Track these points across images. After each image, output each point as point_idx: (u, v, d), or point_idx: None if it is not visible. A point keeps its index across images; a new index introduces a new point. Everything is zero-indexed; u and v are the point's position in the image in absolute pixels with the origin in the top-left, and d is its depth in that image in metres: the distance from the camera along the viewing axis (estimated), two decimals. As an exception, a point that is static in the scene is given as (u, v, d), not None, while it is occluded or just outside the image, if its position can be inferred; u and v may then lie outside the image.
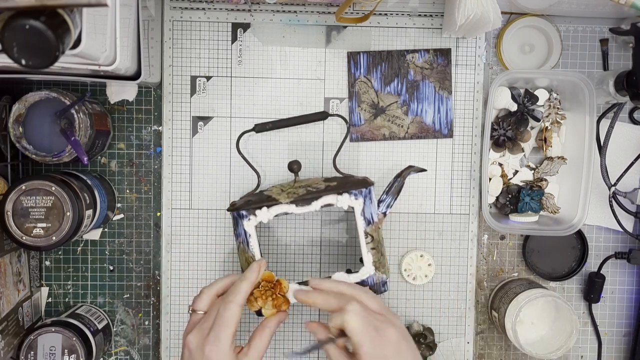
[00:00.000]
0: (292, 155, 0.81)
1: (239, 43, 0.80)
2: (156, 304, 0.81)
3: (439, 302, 0.82)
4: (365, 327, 0.59)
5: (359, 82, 0.80)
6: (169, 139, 0.80)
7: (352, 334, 0.60)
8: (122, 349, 0.82)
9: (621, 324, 0.84)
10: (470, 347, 0.83)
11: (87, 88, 0.80)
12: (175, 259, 0.80)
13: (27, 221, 0.67)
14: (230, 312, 0.61)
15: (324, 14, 0.80)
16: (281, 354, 0.82)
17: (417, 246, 0.82)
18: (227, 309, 0.62)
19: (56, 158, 0.70)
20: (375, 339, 0.59)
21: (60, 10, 0.48)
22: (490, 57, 0.82)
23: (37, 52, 0.47)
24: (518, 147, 0.81)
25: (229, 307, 0.62)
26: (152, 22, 0.77)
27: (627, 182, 0.81)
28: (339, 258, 0.81)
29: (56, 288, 0.81)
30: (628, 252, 0.82)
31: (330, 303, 0.63)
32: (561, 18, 0.81)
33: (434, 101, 0.81)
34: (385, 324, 0.61)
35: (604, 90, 0.77)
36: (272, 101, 0.80)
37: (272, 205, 0.69)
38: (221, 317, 0.61)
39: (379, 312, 0.63)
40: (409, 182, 0.81)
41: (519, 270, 0.84)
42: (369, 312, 0.62)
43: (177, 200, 0.80)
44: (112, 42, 0.61)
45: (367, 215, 0.70)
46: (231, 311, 0.62)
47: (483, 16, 0.69)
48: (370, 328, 0.60)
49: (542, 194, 0.81)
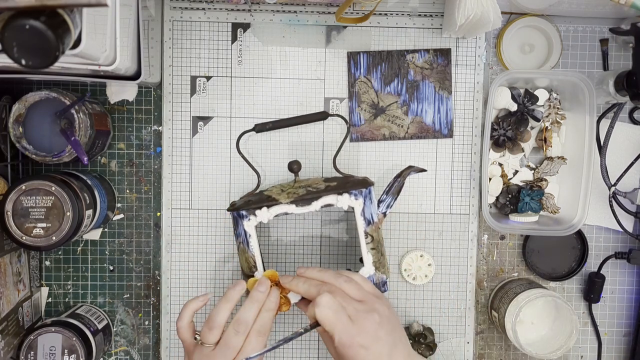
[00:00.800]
0: (292, 155, 0.81)
1: (239, 43, 0.80)
2: (156, 304, 0.81)
3: (439, 302, 0.82)
4: (336, 318, 0.60)
5: (359, 82, 0.80)
6: (169, 139, 0.80)
7: (324, 325, 0.61)
8: (122, 349, 0.82)
9: (621, 324, 0.84)
10: (470, 347, 0.83)
11: (87, 88, 0.80)
12: (175, 259, 0.80)
13: (27, 221, 0.67)
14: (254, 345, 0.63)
15: (324, 14, 0.80)
16: (281, 355, 0.82)
17: (417, 246, 0.82)
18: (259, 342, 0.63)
19: (56, 158, 0.70)
20: (348, 329, 0.60)
21: (60, 10, 0.48)
22: (490, 57, 0.82)
23: (37, 52, 0.47)
24: (518, 147, 0.81)
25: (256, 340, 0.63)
26: (152, 22, 0.77)
27: (627, 182, 0.81)
28: (339, 258, 0.81)
29: (56, 288, 0.81)
30: (628, 252, 0.82)
31: (311, 291, 0.64)
32: (561, 18, 0.81)
33: (434, 101, 0.81)
34: (362, 313, 0.62)
35: (604, 90, 0.77)
36: (272, 101, 0.80)
37: (272, 205, 0.69)
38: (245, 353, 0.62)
39: (359, 299, 0.63)
40: (409, 182, 0.81)
41: (519, 270, 0.84)
42: (346, 301, 0.62)
43: (177, 200, 0.80)
44: (112, 42, 0.61)
45: (367, 215, 0.70)
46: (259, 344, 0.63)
47: (483, 16, 0.69)
48: (342, 319, 0.60)
49: (542, 194, 0.81)
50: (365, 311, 0.62)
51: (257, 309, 0.64)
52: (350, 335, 0.60)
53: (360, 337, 0.60)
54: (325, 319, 0.60)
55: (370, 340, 0.60)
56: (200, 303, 0.66)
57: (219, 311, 0.63)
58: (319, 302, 0.61)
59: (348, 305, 0.62)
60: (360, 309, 0.62)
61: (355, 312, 0.61)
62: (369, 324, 0.61)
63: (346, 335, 0.60)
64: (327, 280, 0.65)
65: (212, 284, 0.81)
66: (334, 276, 0.65)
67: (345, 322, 0.60)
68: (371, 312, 0.62)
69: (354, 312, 0.61)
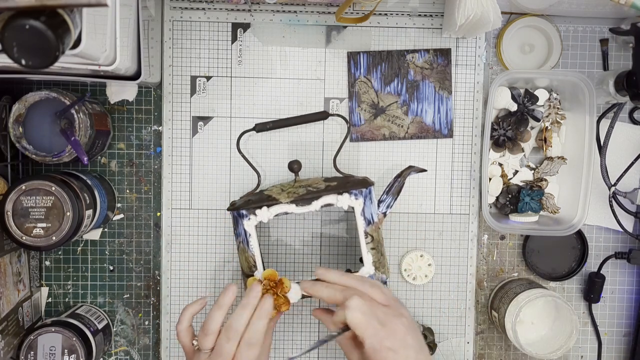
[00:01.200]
0: (292, 155, 0.81)
1: (239, 43, 0.80)
2: (156, 304, 0.81)
3: (439, 302, 0.82)
4: (367, 321, 0.60)
5: (359, 82, 0.80)
6: (169, 139, 0.80)
7: (355, 329, 0.61)
8: (122, 349, 0.82)
9: (621, 324, 0.84)
10: (470, 347, 0.83)
11: (87, 88, 0.80)
12: (175, 259, 0.80)
13: (27, 221, 0.67)
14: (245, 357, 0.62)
15: (324, 14, 0.80)
16: (281, 354, 0.82)
17: (417, 246, 0.82)
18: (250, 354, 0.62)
19: (56, 158, 0.70)
20: (379, 332, 0.60)
21: (60, 10, 0.48)
22: (490, 57, 0.82)
23: (37, 52, 0.47)
24: (518, 147, 0.81)
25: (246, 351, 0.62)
26: (152, 22, 0.77)
27: (627, 182, 0.81)
28: (339, 258, 0.81)
29: (56, 288, 0.81)
30: (628, 252, 0.82)
31: (335, 296, 0.64)
32: (561, 18, 0.81)
33: (434, 101, 0.81)
34: (390, 317, 0.62)
35: (604, 90, 0.77)
36: (272, 101, 0.80)
37: (272, 204, 0.69)
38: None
39: (385, 303, 0.64)
40: (409, 182, 0.81)
41: (519, 270, 0.84)
42: (374, 306, 0.62)
43: (177, 200, 0.80)
44: (112, 42, 0.61)
45: (367, 215, 0.70)
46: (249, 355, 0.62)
47: (483, 16, 0.69)
48: (374, 322, 0.60)
49: (542, 194, 0.81)
50: (393, 315, 0.62)
51: (247, 315, 0.63)
52: (380, 338, 0.60)
53: (389, 340, 0.60)
54: (357, 322, 0.60)
55: (399, 344, 0.61)
56: (198, 307, 0.66)
57: (212, 318, 0.63)
58: (350, 305, 0.61)
59: (377, 310, 0.62)
60: (388, 313, 0.62)
61: (384, 316, 0.62)
62: (397, 328, 0.61)
63: (377, 339, 0.60)
64: (352, 285, 0.65)
65: (212, 284, 0.81)
66: (359, 281, 0.65)
67: (376, 326, 0.60)
68: (399, 316, 0.62)
69: (382, 316, 0.62)
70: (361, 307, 0.61)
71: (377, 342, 0.60)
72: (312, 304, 0.81)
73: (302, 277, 0.81)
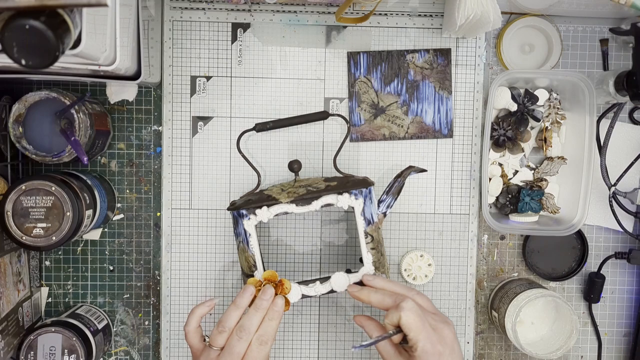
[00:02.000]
0: (292, 155, 0.81)
1: (239, 43, 0.80)
2: (156, 304, 0.81)
3: (439, 302, 0.82)
4: (421, 324, 0.62)
5: (359, 82, 0.80)
6: (169, 139, 0.80)
7: (409, 330, 0.62)
8: (122, 349, 0.82)
9: (621, 324, 0.84)
10: (470, 347, 0.83)
11: (87, 88, 0.80)
12: (175, 259, 0.80)
13: (27, 221, 0.67)
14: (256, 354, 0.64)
15: (324, 14, 0.80)
16: (281, 354, 0.82)
17: (417, 246, 0.82)
18: (261, 350, 0.64)
19: (56, 158, 0.70)
20: (431, 336, 0.62)
21: (60, 10, 0.48)
22: (490, 57, 0.82)
23: (37, 52, 0.47)
24: (518, 147, 0.81)
25: (257, 348, 0.64)
26: (152, 22, 0.77)
27: (627, 182, 0.81)
28: (339, 258, 0.81)
29: (56, 288, 0.81)
30: (628, 252, 0.82)
31: (385, 301, 0.65)
32: (561, 18, 0.81)
33: (434, 101, 0.81)
34: (441, 323, 0.64)
35: (604, 90, 0.77)
36: (272, 101, 0.80)
37: (272, 204, 0.69)
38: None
39: (433, 311, 0.66)
40: (409, 182, 0.81)
41: (519, 270, 0.84)
42: (425, 311, 0.64)
43: (177, 200, 0.80)
44: (112, 42, 0.61)
45: (367, 215, 0.70)
46: (260, 352, 0.64)
47: (483, 16, 0.69)
48: (427, 325, 0.62)
49: (542, 194, 0.81)
50: (442, 322, 0.64)
51: (260, 316, 0.65)
52: (432, 342, 0.62)
53: (441, 345, 0.62)
54: (412, 323, 0.61)
55: (448, 350, 0.62)
56: (206, 308, 0.68)
57: (230, 316, 0.65)
58: (405, 306, 0.62)
59: (427, 315, 0.64)
60: (437, 319, 0.64)
61: (434, 321, 0.63)
62: (447, 334, 0.63)
63: (430, 342, 0.61)
64: (400, 292, 0.66)
65: (212, 284, 0.81)
66: (406, 288, 0.67)
67: (429, 329, 0.62)
68: (447, 323, 0.64)
69: (432, 321, 0.63)
70: (416, 310, 0.62)
71: (430, 345, 0.61)
72: (312, 304, 0.81)
73: (302, 277, 0.81)
